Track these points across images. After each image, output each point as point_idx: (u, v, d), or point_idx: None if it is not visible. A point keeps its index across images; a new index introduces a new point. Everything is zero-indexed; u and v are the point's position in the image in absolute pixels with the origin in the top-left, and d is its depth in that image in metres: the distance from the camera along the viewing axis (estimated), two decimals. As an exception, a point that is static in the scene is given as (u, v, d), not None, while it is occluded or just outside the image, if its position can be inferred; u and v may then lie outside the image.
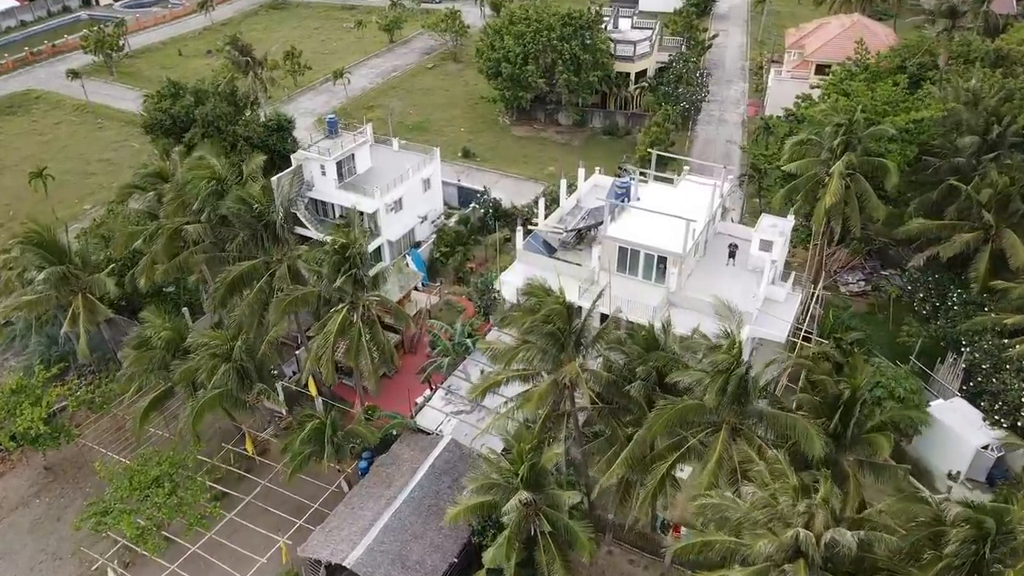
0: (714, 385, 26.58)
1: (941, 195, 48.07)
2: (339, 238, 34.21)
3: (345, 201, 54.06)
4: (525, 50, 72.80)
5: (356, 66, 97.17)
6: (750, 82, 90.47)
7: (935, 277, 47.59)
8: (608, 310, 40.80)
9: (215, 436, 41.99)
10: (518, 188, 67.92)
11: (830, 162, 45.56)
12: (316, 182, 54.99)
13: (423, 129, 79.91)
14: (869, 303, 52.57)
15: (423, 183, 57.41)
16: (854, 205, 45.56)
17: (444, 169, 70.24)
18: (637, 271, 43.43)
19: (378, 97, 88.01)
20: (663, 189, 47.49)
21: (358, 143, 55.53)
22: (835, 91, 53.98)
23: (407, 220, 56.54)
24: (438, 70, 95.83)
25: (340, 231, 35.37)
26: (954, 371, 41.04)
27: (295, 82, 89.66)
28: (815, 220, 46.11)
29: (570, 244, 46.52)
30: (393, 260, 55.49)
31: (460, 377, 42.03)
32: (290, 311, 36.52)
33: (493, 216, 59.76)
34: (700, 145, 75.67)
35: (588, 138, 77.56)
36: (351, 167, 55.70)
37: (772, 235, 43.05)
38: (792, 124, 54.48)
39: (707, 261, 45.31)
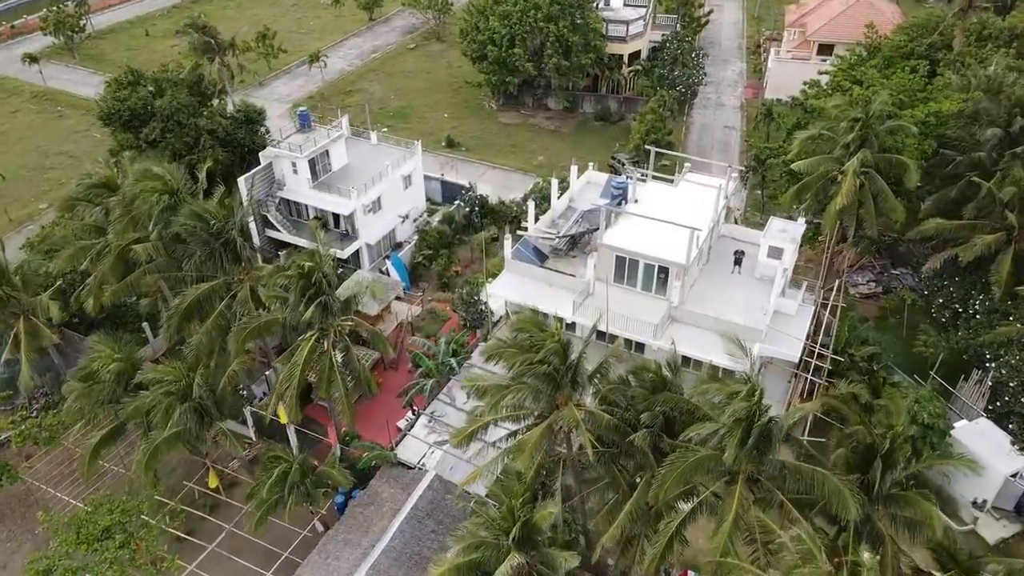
0: (733, 438, 23.21)
1: (960, 192, 44.70)
2: (303, 261, 30.32)
3: (319, 202, 50.09)
4: (511, 32, 68.36)
5: (334, 47, 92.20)
6: (748, 62, 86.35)
7: (955, 281, 44.36)
8: (606, 327, 37.39)
9: (178, 467, 38.52)
10: (506, 180, 64.01)
11: (843, 159, 42.01)
12: (288, 181, 50.91)
13: (405, 116, 75.55)
14: (880, 306, 49.39)
15: (403, 180, 53.42)
16: (869, 206, 42.05)
17: (427, 160, 66.16)
18: (636, 282, 39.92)
19: (357, 81, 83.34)
20: (663, 190, 43.83)
21: (332, 138, 51.38)
22: (845, 78, 50.22)
23: (387, 221, 52.64)
24: (420, 51, 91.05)
25: (304, 255, 31.39)
26: (979, 390, 37.94)
27: (269, 65, 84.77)
28: (827, 222, 42.62)
29: (563, 251, 42.92)
30: (372, 265, 51.70)
31: (445, 402, 38.58)
32: (252, 340, 32.82)
33: (479, 214, 55.92)
34: (697, 131, 71.82)
35: (579, 124, 73.48)
36: (325, 164, 51.59)
37: (782, 241, 39.59)
38: (800, 115, 50.72)
39: (711, 268, 41.84)
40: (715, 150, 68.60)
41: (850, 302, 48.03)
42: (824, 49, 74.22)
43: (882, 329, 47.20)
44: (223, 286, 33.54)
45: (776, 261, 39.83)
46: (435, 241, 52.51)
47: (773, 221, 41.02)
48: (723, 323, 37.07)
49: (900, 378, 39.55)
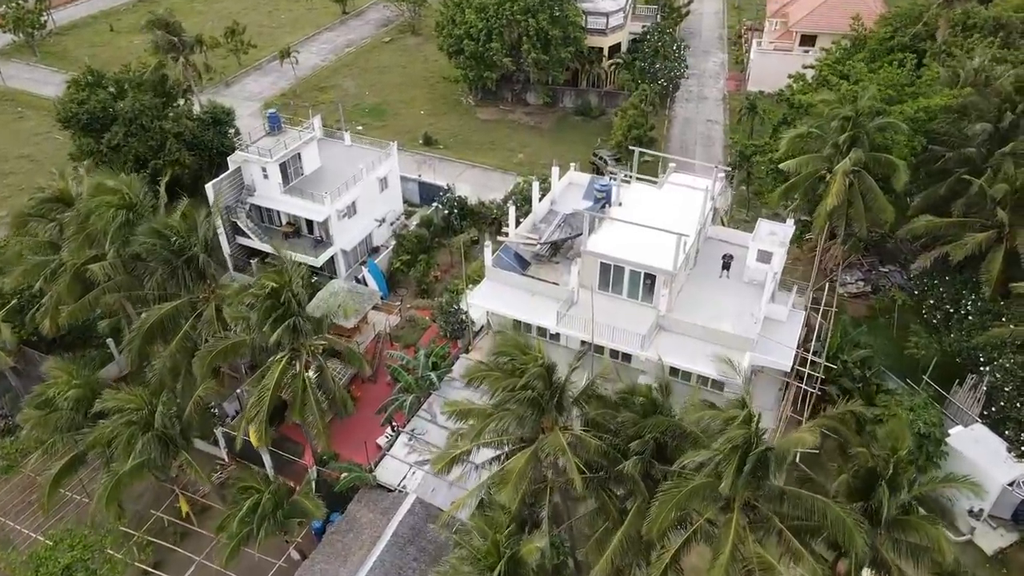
0: (730, 467, 21.90)
1: (949, 189, 43.75)
2: (270, 281, 28.53)
3: (292, 208, 48.15)
4: (488, 25, 66.45)
5: (306, 41, 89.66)
6: (729, 53, 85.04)
7: (945, 280, 43.45)
8: (591, 338, 35.99)
9: (145, 493, 36.61)
10: (485, 179, 62.32)
11: (833, 158, 40.80)
12: (258, 186, 48.87)
13: (380, 113, 73.46)
14: (869, 305, 48.45)
15: (379, 183, 51.57)
16: (859, 205, 40.94)
17: (404, 160, 64.28)
18: (621, 289, 38.53)
19: (330, 77, 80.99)
20: (647, 191, 42.37)
21: (304, 140, 49.37)
22: (831, 72, 48.95)
23: (362, 225, 50.80)
24: (396, 44, 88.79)
25: (271, 273, 29.55)
26: (974, 395, 37.03)
27: (239, 62, 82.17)
28: (816, 223, 41.44)
29: (545, 257, 41.39)
30: (348, 272, 49.89)
31: (425, 418, 37.05)
32: (219, 364, 31.02)
33: (458, 216, 54.23)
34: (679, 126, 70.46)
35: (559, 119, 71.84)
36: (297, 168, 49.61)
37: (771, 245, 38.35)
38: (786, 110, 49.43)
39: (698, 273, 40.54)
40: (698, 145, 67.34)
41: (840, 302, 47.03)
42: (807, 40, 73.08)
43: (872, 329, 46.18)
44: (187, 305, 31.71)
45: (765, 265, 38.61)
46: (413, 246, 50.78)
47: (761, 224, 39.76)
48: (712, 332, 35.86)
49: (893, 384, 38.48)
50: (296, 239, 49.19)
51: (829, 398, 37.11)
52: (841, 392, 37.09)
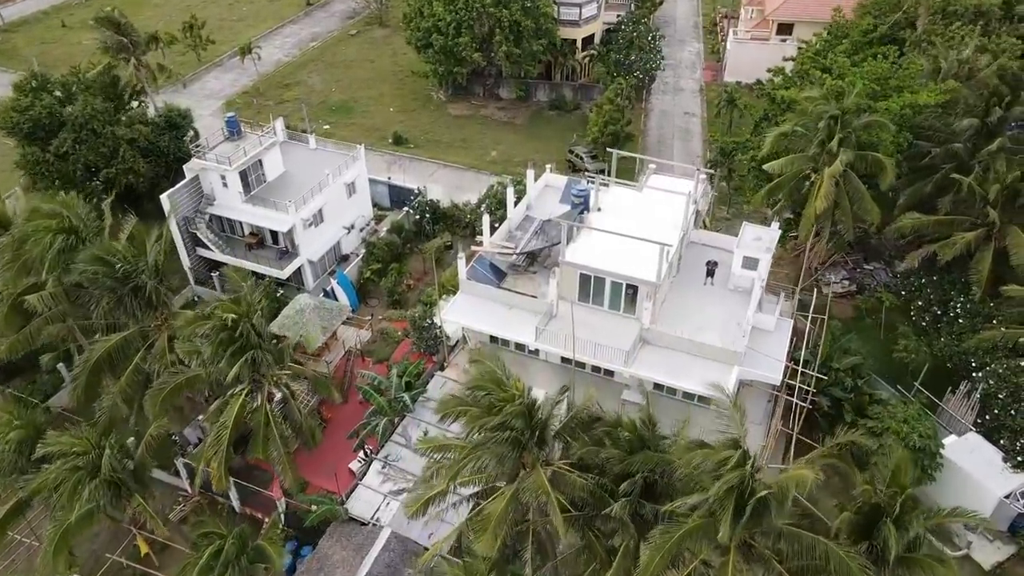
0: (726, 513, 20.28)
1: (936, 186, 42.51)
2: (226, 312, 26.29)
3: (254, 217, 45.69)
4: (458, 18, 63.98)
5: (269, 35, 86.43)
6: (705, 42, 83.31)
7: (933, 280, 42.28)
8: (572, 354, 34.26)
9: (101, 533, 34.26)
10: (458, 180, 60.15)
11: (818, 158, 39.30)
12: (217, 195, 46.33)
13: (348, 110, 70.80)
14: (855, 306, 47.21)
15: (347, 188, 49.22)
16: (845, 206, 39.63)
17: (373, 160, 61.94)
18: (602, 300, 36.77)
19: (295, 72, 78.01)
20: (627, 195, 40.55)
21: (265, 146, 46.84)
22: (812, 65, 47.36)
23: (330, 233, 48.50)
24: (362, 38, 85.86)
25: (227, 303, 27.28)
26: (968, 403, 35.88)
27: (199, 58, 78.87)
28: (803, 226, 40.00)
29: (522, 267, 39.48)
30: (316, 282, 47.62)
31: (399, 443, 35.11)
32: (172, 402, 28.79)
33: (431, 220, 52.07)
34: (656, 118, 68.68)
35: (533, 114, 69.71)
36: (259, 175, 47.10)
37: (757, 251, 36.78)
38: (767, 105, 47.79)
39: (682, 280, 38.89)
40: (676, 138, 65.65)
41: (825, 303, 45.74)
42: (784, 29, 71.57)
43: (859, 331, 44.99)
44: (137, 335, 29.38)
45: (751, 272, 37.07)
46: (384, 254, 48.59)
47: (746, 229, 38.15)
48: (699, 345, 34.27)
49: (884, 391, 37.19)
50: (260, 250, 46.83)
51: (820, 408, 35.79)
52: (832, 403, 35.80)
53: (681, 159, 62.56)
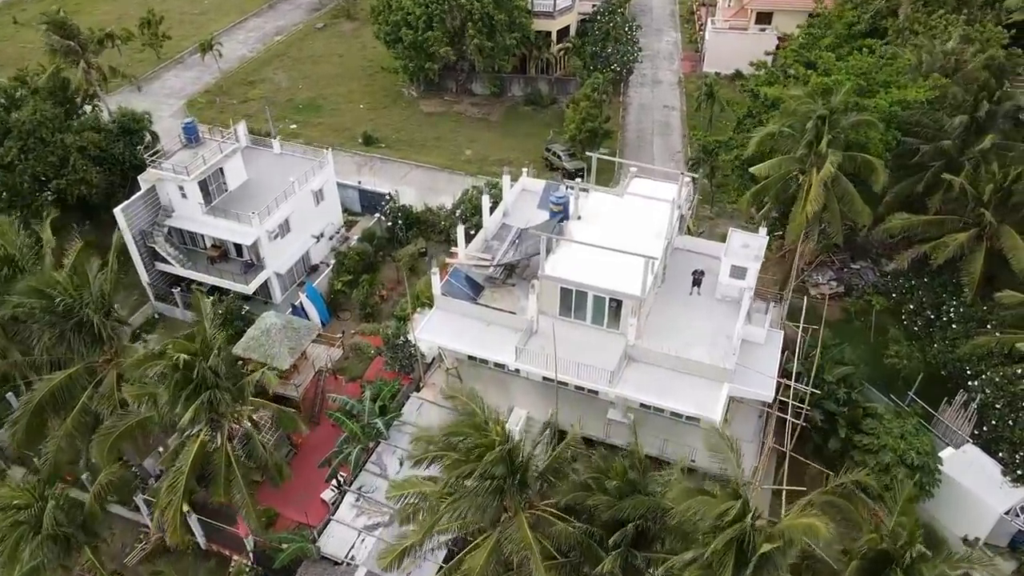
0: (725, 569, 18.65)
1: (926, 185, 41.17)
2: (179, 351, 24.09)
3: (216, 230, 43.25)
4: (428, 11, 61.50)
5: (232, 30, 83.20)
6: (682, 31, 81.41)
7: (924, 283, 41.02)
8: (555, 374, 32.49)
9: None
10: (431, 181, 57.94)
11: (806, 159, 37.70)
12: (176, 207, 43.83)
13: (315, 108, 68.12)
14: (844, 308, 45.90)
15: (314, 196, 46.85)
16: (834, 209, 38.07)
17: (343, 162, 59.62)
18: (584, 315, 34.98)
19: (260, 69, 75.01)
20: (608, 202, 38.67)
21: (226, 152, 44.29)
22: (795, 58, 45.69)
23: (298, 244, 46.18)
24: (330, 31, 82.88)
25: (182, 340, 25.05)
26: (965, 414, 34.67)
27: (158, 55, 75.58)
28: (792, 231, 38.43)
29: (499, 280, 37.54)
30: (284, 295, 45.36)
31: (374, 472, 33.18)
32: (123, 445, 26.58)
33: (403, 227, 49.90)
34: (635, 113, 66.80)
35: (508, 110, 67.50)
36: (220, 184, 44.60)
37: (745, 259, 35.11)
38: (749, 102, 46.08)
39: (667, 289, 37.17)
40: (656, 134, 63.86)
41: (812, 305, 44.38)
42: (763, 18, 69.89)
43: (848, 335, 43.73)
44: (84, 373, 27.07)
45: (739, 282, 35.46)
46: (354, 264, 46.37)
47: (733, 236, 36.44)
48: (687, 362, 32.64)
49: (877, 398, 35.80)
50: (224, 263, 44.44)
51: (812, 422, 34.38)
52: (825, 416, 34.40)
53: (661, 155, 60.93)
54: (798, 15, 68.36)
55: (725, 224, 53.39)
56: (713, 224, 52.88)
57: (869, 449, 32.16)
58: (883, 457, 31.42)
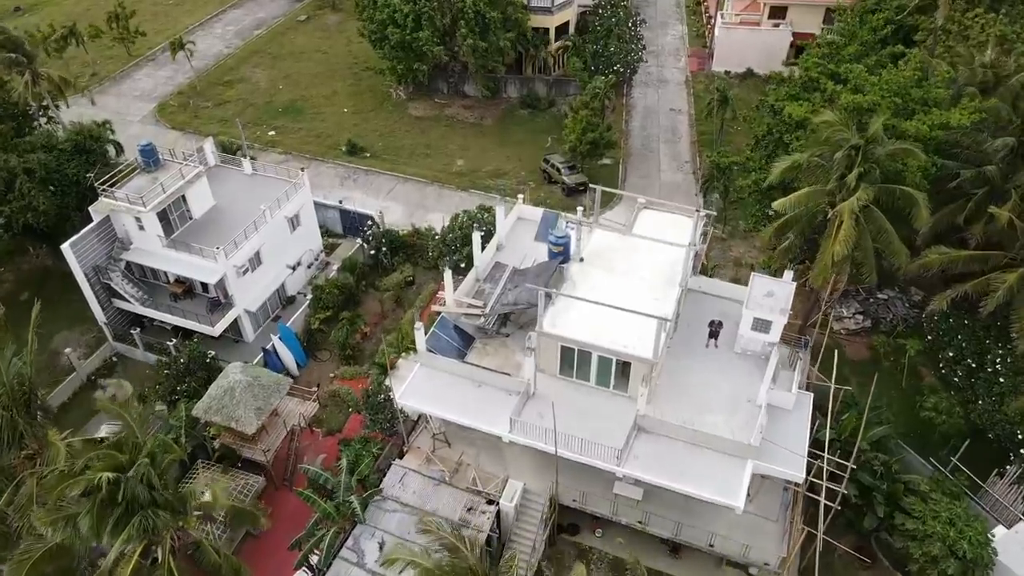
0: None
1: (968, 215, 36.94)
2: (103, 469, 19.88)
3: (176, 265, 38.94)
4: (416, 9, 56.66)
5: (209, 23, 78.09)
6: (689, 24, 76.44)
7: (965, 325, 36.94)
8: (555, 449, 28.52)
9: None
10: (420, 196, 53.55)
11: (836, 193, 33.43)
12: (134, 238, 39.51)
13: (296, 112, 63.41)
14: (871, 345, 41.87)
15: (289, 222, 42.49)
16: (868, 249, 33.82)
17: (325, 173, 55.41)
18: (588, 375, 30.95)
19: (238, 67, 70.07)
20: (614, 241, 34.42)
21: (189, 177, 39.83)
22: (818, 71, 41.02)
23: (271, 276, 41.95)
24: (313, 24, 77.77)
25: (110, 449, 20.86)
26: (1019, 490, 30.73)
27: (129, 52, 70.62)
28: (818, 274, 34.23)
29: (492, 330, 33.40)
30: (257, 332, 41.20)
31: (349, 560, 29.22)
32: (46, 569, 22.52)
33: (388, 253, 45.59)
34: (640, 117, 62.19)
35: (503, 114, 62.83)
36: (183, 212, 40.24)
37: (769, 311, 30.96)
38: (769, 119, 41.60)
39: (680, 339, 33.09)
40: (662, 141, 59.36)
41: (836, 342, 40.39)
42: (777, 12, 65.03)
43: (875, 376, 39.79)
44: (1, 474, 22.99)
45: (762, 335, 31.38)
46: (333, 299, 42.15)
47: (755, 282, 32.21)
48: (705, 436, 28.63)
49: (920, 476, 31.62)
50: (188, 300, 40.22)
51: (846, 499, 30.43)
52: (860, 492, 30.49)
53: (669, 165, 56.55)
54: (815, 9, 63.77)
55: (739, 246, 49.36)
56: (726, 246, 48.73)
57: (913, 535, 28.27)
58: (930, 547, 27.55)
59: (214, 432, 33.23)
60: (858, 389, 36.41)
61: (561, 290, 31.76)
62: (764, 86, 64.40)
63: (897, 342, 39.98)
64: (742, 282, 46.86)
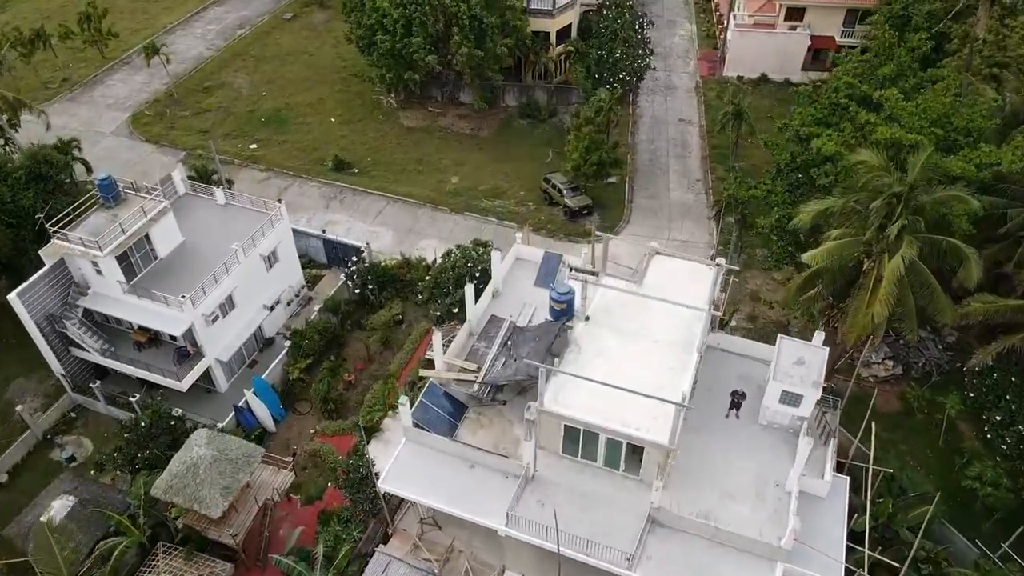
0: None
1: (1019, 260, 33.32)
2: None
3: (139, 313, 35.25)
4: (406, 13, 52.45)
5: (189, 21, 73.67)
6: (698, 23, 72.07)
7: (1013, 383, 33.41)
8: (557, 547, 25.06)
9: None
10: (412, 219, 49.75)
11: (874, 242, 29.72)
12: (92, 283, 35.82)
13: (281, 122, 59.38)
14: (902, 394, 38.33)
15: (266, 260, 38.78)
16: (910, 307, 30.20)
17: (309, 192, 51.87)
18: (595, 455, 27.39)
19: (219, 71, 65.82)
20: (623, 299, 30.66)
21: (152, 214, 36.03)
22: (847, 93, 36.91)
23: (247, 318, 38.35)
24: (300, 23, 73.37)
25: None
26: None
27: (103, 55, 66.41)
28: (851, 330, 30.58)
29: (486, 398, 29.80)
30: (231, 380, 37.64)
31: (325, 673, 25.89)
32: None
33: (376, 288, 41.90)
34: (646, 130, 58.18)
35: (501, 124, 58.82)
36: (147, 252, 36.49)
37: (799, 384, 27.33)
38: (794, 147, 37.65)
39: (697, 406, 29.40)
40: (671, 155, 55.45)
41: (864, 391, 36.83)
42: (794, 14, 60.78)
43: (909, 431, 36.46)
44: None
45: (792, 409, 27.82)
46: (314, 345, 38.52)
47: (783, 345, 28.54)
48: (729, 535, 25.16)
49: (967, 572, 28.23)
50: (154, 348, 36.65)
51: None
52: (899, 587, 27.10)
53: (678, 182, 52.70)
54: (835, 11, 59.66)
55: (755, 277, 45.64)
56: (742, 279, 44.98)
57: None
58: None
59: (176, 513, 29.77)
60: (890, 449, 33.04)
61: (565, 355, 28.16)
62: (779, 93, 60.87)
63: (930, 390, 36.49)
64: (760, 320, 43.52)
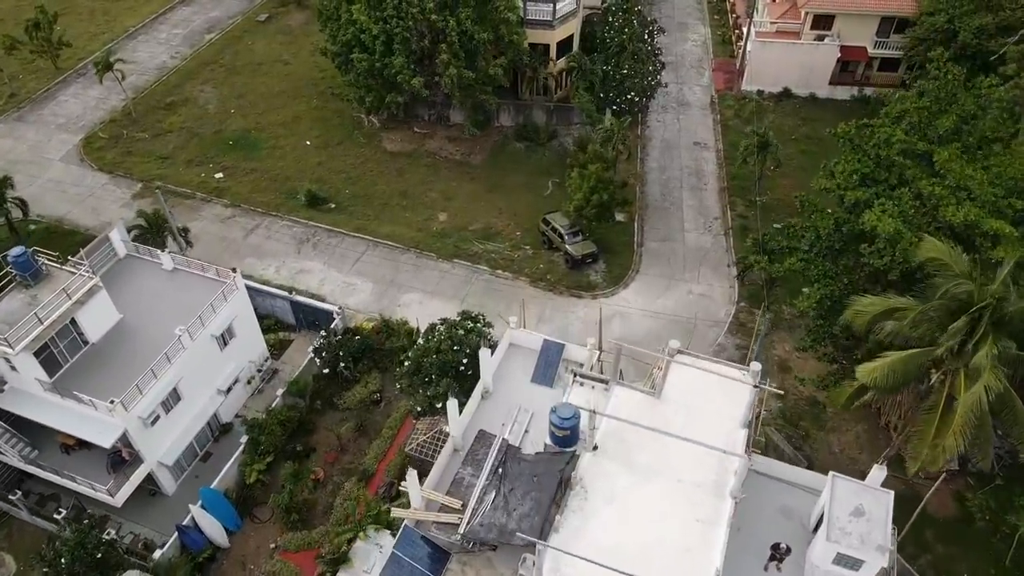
0: None
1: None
2: None
3: (60, 417, 29.78)
4: (387, 29, 46.26)
5: (153, 24, 67.13)
6: (712, 27, 65.64)
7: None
8: None
9: None
10: (394, 268, 44.09)
11: (945, 356, 24.28)
12: (8, 378, 30.34)
13: (251, 146, 53.36)
14: (958, 493, 33.15)
15: (219, 340, 33.25)
16: (988, 433, 24.90)
17: (279, 233, 46.65)
18: (607, 625, 22.16)
19: (183, 84, 59.52)
20: (638, 417, 25.18)
21: (79, 295, 30.39)
22: (902, 145, 30.97)
23: (196, 410, 32.92)
24: (275, 26, 66.83)
25: None
26: None
27: (56, 65, 60.09)
28: (918, 459, 25.25)
29: (473, 546, 24.49)
30: (179, 479, 32.33)
31: None
32: None
33: (350, 364, 36.39)
34: (657, 157, 52.21)
35: (495, 149, 52.86)
36: (74, 338, 30.86)
37: (860, 547, 21.99)
38: (837, 212, 31.83)
39: (728, 556, 24.18)
40: (685, 187, 49.64)
41: (916, 491, 31.64)
42: (821, 22, 54.54)
43: (968, 541, 31.35)
44: None
45: (849, 573, 22.55)
46: (275, 439, 33.14)
47: (837, 487, 23.10)
48: None
49: None
50: (86, 451, 31.30)
51: None
52: None
53: (694, 221, 47.02)
54: (868, 20, 53.46)
55: (783, 340, 40.15)
56: (768, 341, 39.56)
57: None
58: None
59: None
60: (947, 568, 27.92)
61: (569, 500, 22.85)
62: (804, 109, 54.91)
63: (996, 502, 31.31)
64: (790, 397, 37.97)
